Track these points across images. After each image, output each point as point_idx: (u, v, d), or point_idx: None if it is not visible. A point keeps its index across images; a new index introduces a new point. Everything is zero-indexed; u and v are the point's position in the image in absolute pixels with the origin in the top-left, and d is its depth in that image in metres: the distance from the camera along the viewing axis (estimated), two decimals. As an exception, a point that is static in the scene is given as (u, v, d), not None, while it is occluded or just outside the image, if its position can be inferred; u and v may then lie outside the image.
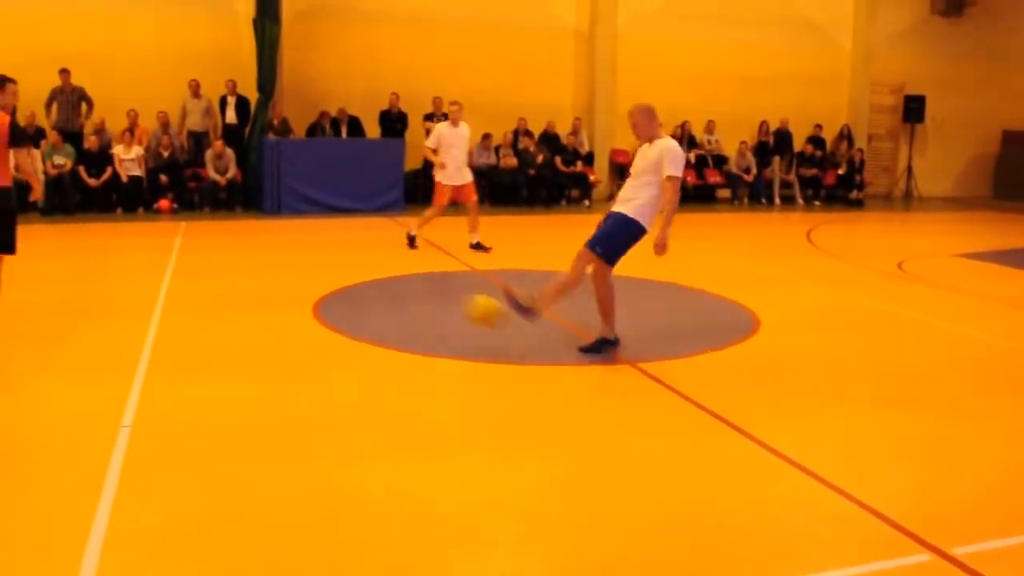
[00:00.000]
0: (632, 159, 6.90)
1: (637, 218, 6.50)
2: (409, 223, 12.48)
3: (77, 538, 3.71)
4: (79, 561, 3.53)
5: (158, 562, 3.58)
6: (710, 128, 19.92)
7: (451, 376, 6.27)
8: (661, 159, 6.41)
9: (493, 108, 17.48)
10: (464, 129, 11.59)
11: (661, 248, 6.46)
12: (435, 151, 11.53)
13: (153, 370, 6.19)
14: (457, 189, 11.47)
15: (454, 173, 11.40)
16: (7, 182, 7.18)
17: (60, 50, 15.52)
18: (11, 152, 7.17)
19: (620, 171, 18.50)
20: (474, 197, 11.69)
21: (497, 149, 17.57)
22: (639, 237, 6.55)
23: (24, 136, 7.51)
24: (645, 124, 6.57)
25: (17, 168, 7.82)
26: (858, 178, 20.39)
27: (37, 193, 8.66)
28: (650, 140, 6.58)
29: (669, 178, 6.38)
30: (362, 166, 15.71)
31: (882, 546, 3.79)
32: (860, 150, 20.97)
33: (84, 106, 15.66)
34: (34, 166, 13.72)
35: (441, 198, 11.47)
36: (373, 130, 17.17)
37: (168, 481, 4.34)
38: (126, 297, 8.62)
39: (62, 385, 5.95)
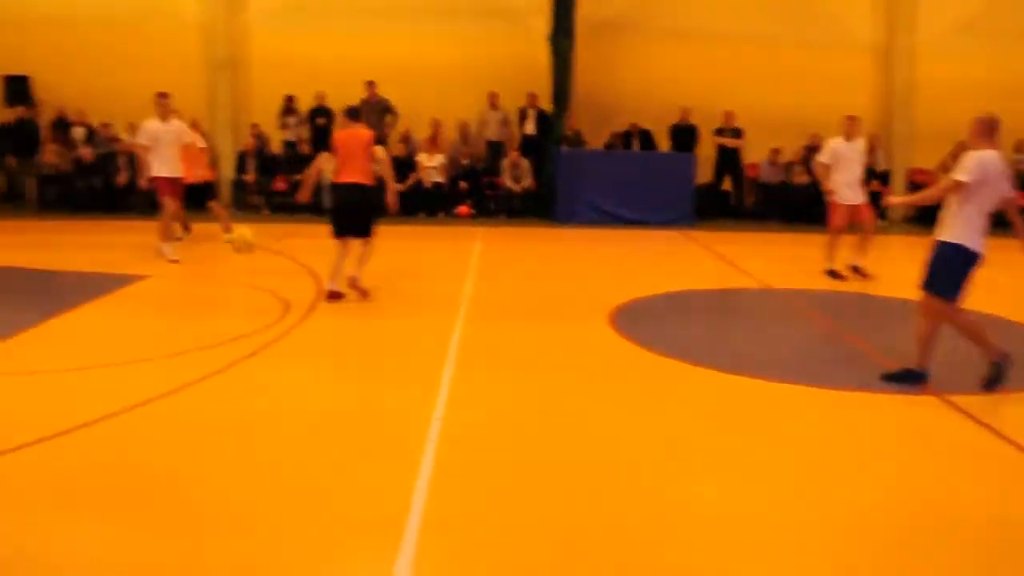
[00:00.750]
0: None
1: (956, 241, 6.18)
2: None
3: (396, 521, 4.09)
4: (398, 543, 3.89)
5: (467, 551, 3.89)
6: (1019, 147, 18.55)
7: (745, 394, 6.31)
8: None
9: (785, 123, 17.23)
10: (860, 144, 10.96)
11: (887, 201, 7.10)
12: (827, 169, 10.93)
13: (460, 367, 6.71)
14: (853, 209, 10.83)
15: (848, 191, 10.78)
16: (369, 180, 8.86)
17: (368, 63, 16.95)
18: (376, 151, 8.93)
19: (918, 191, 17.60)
20: (871, 219, 10.97)
21: (788, 166, 17.28)
22: (970, 262, 6.18)
23: (383, 140, 8.79)
24: (974, 135, 6.23)
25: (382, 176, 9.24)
26: None
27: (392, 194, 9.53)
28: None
29: (952, 179, 6.14)
30: (653, 179, 15.98)
31: None
32: None
33: (388, 116, 16.93)
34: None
35: (838, 219, 10.84)
36: (664, 143, 17.39)
37: (475, 475, 4.70)
38: (433, 296, 9.35)
39: (379, 377, 6.61)
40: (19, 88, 17.44)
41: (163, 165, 11.28)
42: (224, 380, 6.33)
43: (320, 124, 17.08)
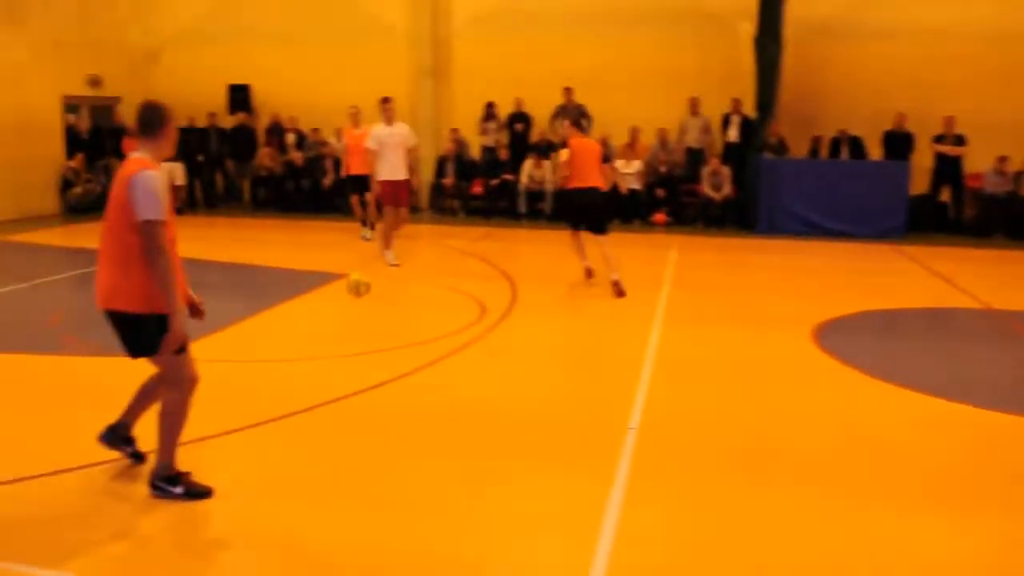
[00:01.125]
0: None
1: None
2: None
3: (591, 525, 4.04)
4: (593, 547, 3.84)
5: (662, 559, 3.78)
6: None
7: (957, 421, 5.81)
8: None
9: (1013, 129, 15.93)
10: None
11: None
12: None
13: (656, 377, 6.52)
14: None
15: None
16: (600, 184, 9.95)
17: (567, 69, 16.90)
18: (605, 169, 10.12)
19: None
20: None
21: (1017, 176, 15.99)
22: None
23: (610, 156, 9.01)
24: None
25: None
26: None
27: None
28: None
29: None
30: (862, 189, 15.09)
31: None
32: None
33: (584, 121, 16.81)
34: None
35: None
36: (876, 151, 16.46)
37: (670, 486, 4.57)
38: (629, 303, 9.13)
39: (577, 381, 6.53)
40: (241, 96, 18.52)
41: (387, 168, 11.28)
42: (423, 378, 6.41)
43: (518, 130, 17.20)
